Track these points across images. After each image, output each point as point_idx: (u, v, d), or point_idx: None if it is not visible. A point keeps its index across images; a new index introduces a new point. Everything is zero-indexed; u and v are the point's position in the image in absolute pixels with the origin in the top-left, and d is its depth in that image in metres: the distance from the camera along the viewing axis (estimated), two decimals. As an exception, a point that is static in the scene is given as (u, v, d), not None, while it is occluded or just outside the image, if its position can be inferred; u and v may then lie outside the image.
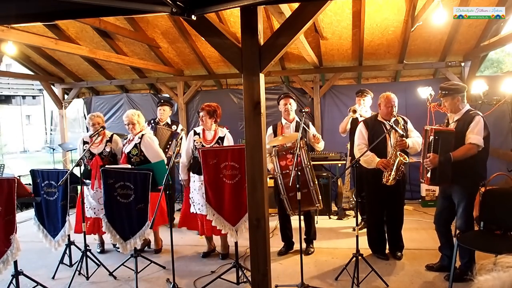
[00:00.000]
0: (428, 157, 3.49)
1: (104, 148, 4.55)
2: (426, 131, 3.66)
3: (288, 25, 2.72)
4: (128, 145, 4.50)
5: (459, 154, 3.43)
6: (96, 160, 4.43)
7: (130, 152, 4.43)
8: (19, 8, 2.71)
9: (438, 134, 3.46)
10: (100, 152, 4.52)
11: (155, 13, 3.22)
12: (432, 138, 3.46)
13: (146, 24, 5.89)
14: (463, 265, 3.58)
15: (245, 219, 3.65)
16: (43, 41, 4.86)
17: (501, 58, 16.45)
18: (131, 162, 4.40)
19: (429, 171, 3.53)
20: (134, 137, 4.48)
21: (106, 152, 4.55)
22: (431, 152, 3.49)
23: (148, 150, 4.42)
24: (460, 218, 3.54)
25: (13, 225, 3.44)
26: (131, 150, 4.43)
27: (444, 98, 3.66)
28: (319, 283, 3.72)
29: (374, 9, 5.17)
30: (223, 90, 7.56)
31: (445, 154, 3.42)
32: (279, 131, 4.52)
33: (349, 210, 5.99)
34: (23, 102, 25.72)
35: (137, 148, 4.42)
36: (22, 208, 7.21)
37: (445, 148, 3.43)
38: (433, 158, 3.46)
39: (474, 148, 3.42)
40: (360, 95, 5.25)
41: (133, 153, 4.42)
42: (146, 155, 4.42)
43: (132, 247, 3.79)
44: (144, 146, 4.42)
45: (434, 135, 3.45)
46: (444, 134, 3.48)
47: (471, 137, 3.42)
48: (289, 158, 3.87)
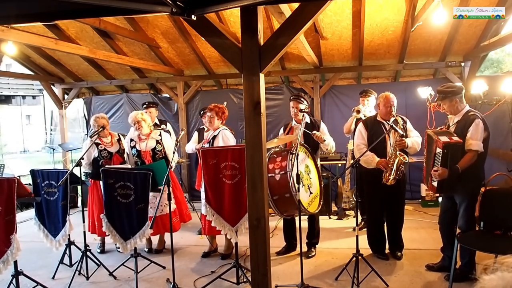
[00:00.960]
0: (437, 170, 3.43)
1: (120, 146, 4.73)
2: (431, 138, 3.56)
3: (288, 25, 2.72)
4: (146, 142, 4.59)
5: (464, 165, 3.41)
6: (117, 158, 4.63)
7: (155, 148, 4.59)
8: (19, 8, 2.71)
9: (447, 147, 3.36)
10: (117, 150, 4.69)
11: (155, 13, 3.22)
12: (441, 151, 3.36)
13: (146, 24, 5.89)
14: (463, 265, 3.58)
15: (245, 219, 3.65)
16: (43, 41, 4.86)
17: (501, 58, 16.45)
18: (155, 159, 4.56)
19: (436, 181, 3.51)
20: (150, 134, 4.63)
21: (121, 150, 4.74)
22: (438, 165, 3.41)
23: (167, 144, 4.70)
24: (461, 218, 3.54)
25: (13, 225, 3.44)
26: (156, 147, 4.59)
27: (442, 101, 3.64)
28: (319, 283, 3.72)
29: (374, 9, 5.17)
30: (223, 90, 7.56)
31: (454, 166, 3.39)
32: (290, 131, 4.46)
33: (349, 210, 5.99)
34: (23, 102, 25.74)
35: (160, 144, 4.63)
36: (22, 208, 7.22)
37: (453, 160, 3.38)
38: (443, 172, 3.40)
39: (476, 154, 3.43)
40: (364, 95, 5.24)
41: (158, 149, 4.61)
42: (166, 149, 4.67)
43: (132, 247, 3.79)
44: (165, 141, 4.70)
45: (443, 148, 3.35)
46: (453, 147, 3.38)
47: (471, 143, 3.41)
48: (277, 162, 3.85)
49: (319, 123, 4.47)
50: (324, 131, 4.43)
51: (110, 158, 4.62)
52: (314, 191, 4.01)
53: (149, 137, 4.62)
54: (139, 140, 4.61)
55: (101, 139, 4.64)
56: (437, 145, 3.41)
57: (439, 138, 3.41)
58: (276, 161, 3.86)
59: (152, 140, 4.61)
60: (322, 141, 4.29)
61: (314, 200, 3.98)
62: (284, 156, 3.85)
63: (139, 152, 4.58)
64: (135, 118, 4.56)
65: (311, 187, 3.97)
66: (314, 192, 4.01)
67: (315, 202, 3.99)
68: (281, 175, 3.71)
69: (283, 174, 3.72)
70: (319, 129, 4.40)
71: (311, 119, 4.51)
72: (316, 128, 4.39)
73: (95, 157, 4.61)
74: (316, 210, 3.96)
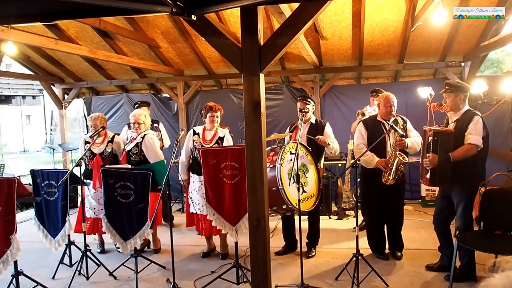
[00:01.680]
0: (428, 157, 3.49)
1: (105, 148, 4.57)
2: (425, 131, 3.66)
3: (288, 25, 2.72)
4: (130, 144, 4.53)
5: (458, 155, 3.43)
6: (97, 160, 4.44)
7: (131, 150, 4.45)
8: (19, 8, 2.70)
9: (437, 134, 3.46)
10: (101, 152, 4.54)
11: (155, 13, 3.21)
12: (431, 139, 3.45)
13: (146, 24, 5.89)
14: (463, 265, 3.58)
15: (245, 219, 3.65)
16: (43, 41, 4.86)
17: (501, 58, 16.45)
18: (131, 161, 4.42)
19: (429, 171, 3.53)
20: (137, 137, 4.51)
21: (107, 152, 4.56)
22: (430, 153, 3.49)
23: (148, 150, 4.43)
24: (459, 218, 3.54)
25: (13, 225, 3.44)
26: (132, 149, 4.45)
27: (447, 94, 3.63)
28: (319, 283, 3.72)
29: (374, 9, 5.17)
30: (223, 90, 7.56)
31: (445, 154, 3.42)
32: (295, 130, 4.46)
33: (349, 210, 5.99)
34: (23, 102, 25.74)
35: (138, 147, 4.44)
36: (22, 208, 7.21)
37: (444, 148, 3.44)
38: (433, 158, 3.46)
39: (474, 148, 3.42)
40: (375, 95, 5.17)
41: (134, 152, 4.44)
42: (146, 155, 4.43)
43: (132, 247, 3.79)
44: (145, 146, 4.43)
45: (433, 135, 3.46)
46: (443, 134, 3.48)
47: (470, 137, 3.42)
48: (269, 156, 3.90)
49: (324, 124, 4.47)
50: (328, 133, 4.42)
51: (92, 159, 4.48)
52: (308, 191, 4.01)
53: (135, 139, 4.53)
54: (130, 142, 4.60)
55: (92, 138, 4.50)
56: (429, 134, 3.50)
57: (430, 128, 3.53)
58: (269, 155, 3.92)
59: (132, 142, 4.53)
60: (326, 145, 4.28)
61: (308, 199, 3.99)
62: (277, 152, 3.91)
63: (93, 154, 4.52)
64: (138, 119, 4.49)
65: (305, 186, 3.97)
66: (308, 191, 4.01)
67: (309, 202, 4.00)
68: (270, 168, 3.74)
69: (271, 167, 3.77)
70: (323, 130, 4.40)
71: (317, 120, 4.52)
72: (321, 129, 4.40)
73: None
74: (307, 209, 3.97)
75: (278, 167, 3.74)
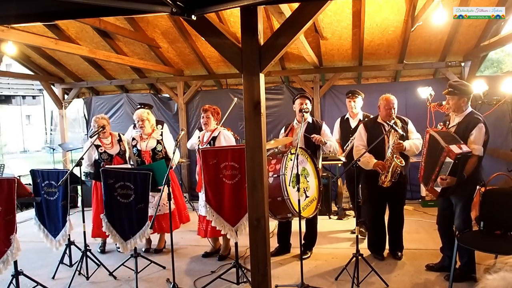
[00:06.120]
0: (445, 179, 3.39)
1: (120, 148, 4.70)
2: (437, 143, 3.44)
3: (288, 25, 2.72)
4: (147, 142, 4.58)
5: (469, 171, 3.40)
6: (117, 160, 4.60)
7: (155, 148, 4.58)
8: (19, 8, 2.71)
9: (459, 159, 3.29)
10: (117, 152, 4.66)
11: (155, 13, 3.22)
12: (452, 161, 3.30)
13: (146, 24, 5.89)
14: (463, 265, 3.58)
15: (244, 220, 3.65)
16: (43, 41, 4.86)
17: (501, 58, 16.45)
18: (155, 159, 4.55)
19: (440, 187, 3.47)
20: (151, 134, 4.62)
21: (122, 151, 4.71)
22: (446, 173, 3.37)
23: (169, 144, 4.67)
24: (458, 218, 3.54)
25: (13, 225, 3.44)
26: (156, 146, 4.58)
27: (450, 96, 3.58)
28: (319, 283, 3.71)
29: (374, 9, 5.17)
30: (223, 90, 7.56)
31: (461, 174, 3.37)
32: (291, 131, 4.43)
33: (349, 210, 5.99)
34: (23, 102, 25.75)
35: (161, 144, 4.61)
36: (22, 208, 7.22)
37: (462, 169, 3.37)
38: (452, 181, 3.38)
39: (478, 159, 3.43)
40: (351, 97, 5.04)
41: (159, 149, 4.60)
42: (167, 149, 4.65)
43: (132, 247, 3.79)
44: (166, 141, 4.66)
45: (455, 159, 3.27)
46: (464, 157, 3.34)
47: (475, 149, 3.39)
48: (272, 164, 3.86)
49: (321, 124, 4.45)
50: (326, 133, 4.40)
51: (111, 160, 4.59)
52: (310, 195, 4.01)
53: (150, 136, 4.62)
54: (140, 140, 4.62)
55: (101, 140, 4.60)
56: (449, 155, 3.29)
57: (450, 148, 3.28)
58: (271, 163, 3.88)
59: (153, 140, 4.61)
60: (323, 143, 4.27)
61: (311, 204, 3.99)
62: (279, 159, 3.87)
63: (139, 151, 4.59)
64: (141, 116, 4.56)
65: (307, 191, 3.97)
66: (310, 195, 4.02)
67: (311, 206, 4.00)
68: (274, 178, 3.74)
69: (276, 177, 3.75)
70: (320, 130, 4.38)
71: (313, 120, 4.50)
72: (318, 129, 4.37)
73: (96, 159, 4.61)
74: (311, 214, 3.96)
75: (283, 178, 3.71)
